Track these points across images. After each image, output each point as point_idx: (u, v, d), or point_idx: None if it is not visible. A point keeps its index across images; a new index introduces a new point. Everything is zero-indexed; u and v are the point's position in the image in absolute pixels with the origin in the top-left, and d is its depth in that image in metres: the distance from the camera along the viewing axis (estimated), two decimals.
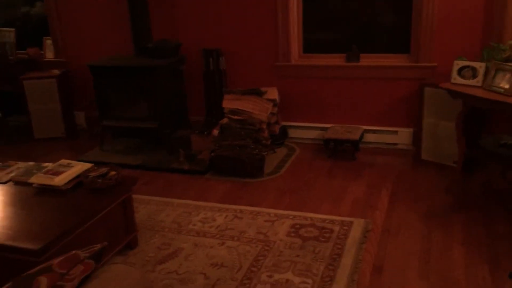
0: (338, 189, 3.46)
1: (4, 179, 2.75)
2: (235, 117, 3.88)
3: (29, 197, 2.56)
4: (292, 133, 4.37)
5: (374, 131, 4.12)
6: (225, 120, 3.93)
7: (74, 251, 1.47)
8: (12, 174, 2.79)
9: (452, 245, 2.69)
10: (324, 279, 2.43)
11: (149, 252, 2.75)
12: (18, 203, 2.50)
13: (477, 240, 2.72)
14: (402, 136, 4.05)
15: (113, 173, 2.64)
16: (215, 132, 3.94)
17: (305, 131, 4.33)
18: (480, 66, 3.03)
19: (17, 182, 2.72)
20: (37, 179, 2.63)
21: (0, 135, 4.89)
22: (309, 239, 2.81)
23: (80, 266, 1.43)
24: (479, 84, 3.02)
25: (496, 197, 3.23)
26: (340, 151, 4.02)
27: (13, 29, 4.93)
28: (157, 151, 4.19)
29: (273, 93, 4.11)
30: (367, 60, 4.09)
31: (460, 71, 3.10)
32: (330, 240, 2.79)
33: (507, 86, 2.84)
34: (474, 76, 3.05)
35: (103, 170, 2.66)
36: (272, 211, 3.17)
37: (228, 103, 3.95)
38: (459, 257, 2.58)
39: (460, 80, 3.10)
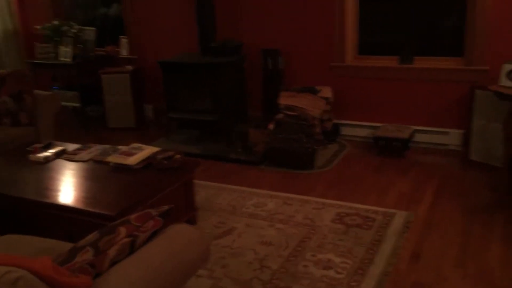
0: (385, 184, 3.63)
1: (86, 158, 3.17)
2: (290, 113, 4.14)
3: (106, 174, 2.94)
4: (344, 130, 4.57)
5: (425, 131, 4.24)
6: (280, 116, 4.20)
7: (147, 210, 1.79)
8: (92, 154, 3.20)
9: (491, 240, 2.81)
10: (363, 261, 2.64)
11: (206, 229, 3.06)
12: (97, 178, 2.89)
13: None
14: (452, 137, 4.15)
15: (178, 156, 2.98)
16: (271, 126, 4.21)
17: (357, 129, 4.52)
18: None
19: (96, 161, 3.12)
20: (113, 158, 3.02)
21: (79, 123, 5.44)
22: (353, 226, 3.02)
23: (151, 222, 1.75)
24: None
25: None
26: (389, 149, 4.18)
27: (93, 28, 5.46)
28: (216, 142, 4.53)
29: (327, 92, 4.33)
30: (421, 62, 4.21)
31: (508, 74, 3.20)
32: (372, 228, 2.99)
33: None
34: None
35: (170, 153, 3.01)
36: (320, 200, 3.40)
37: (284, 99, 4.22)
38: (496, 251, 2.70)
39: (508, 83, 3.19)
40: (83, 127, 5.34)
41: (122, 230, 1.67)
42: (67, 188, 2.73)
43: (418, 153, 4.19)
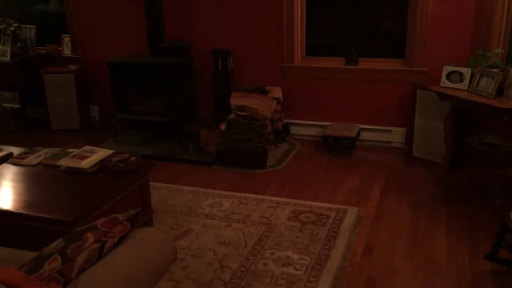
0: (335, 181, 3.76)
1: (34, 162, 3.04)
2: (241, 113, 4.18)
3: (58, 178, 2.85)
4: (294, 130, 4.68)
5: (370, 130, 4.43)
6: (232, 116, 4.23)
7: (114, 214, 1.77)
8: (41, 158, 3.08)
9: (437, 232, 2.99)
10: (320, 257, 2.73)
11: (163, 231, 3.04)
12: (49, 183, 2.80)
13: (459, 228, 3.02)
14: (395, 135, 4.36)
15: (133, 158, 2.94)
16: (223, 126, 4.24)
17: (306, 128, 4.64)
18: (467, 71, 3.34)
19: (46, 165, 3.01)
20: (65, 162, 2.93)
21: (19, 125, 5.20)
22: (308, 223, 3.11)
23: (119, 226, 1.73)
24: (465, 87, 3.33)
25: (479, 191, 3.54)
26: (337, 148, 4.33)
27: (33, 26, 5.23)
28: (167, 143, 4.49)
29: (277, 92, 4.42)
30: (365, 63, 4.39)
31: (448, 75, 3.42)
32: (327, 224, 3.09)
33: (489, 90, 3.15)
34: (461, 80, 3.36)
35: (125, 155, 2.96)
36: (274, 198, 3.47)
37: (235, 100, 4.26)
38: (442, 242, 2.88)
39: (448, 84, 3.41)
40: (24, 129, 5.11)
41: (90, 236, 1.64)
42: (17, 194, 2.62)
43: (364, 151, 4.37)
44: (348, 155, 4.26)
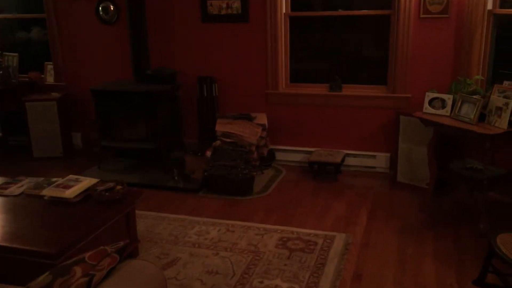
0: (322, 207, 3.76)
1: (16, 192, 2.98)
2: (227, 140, 4.18)
3: (42, 208, 2.80)
4: (279, 156, 4.69)
5: (354, 155, 4.47)
6: (217, 143, 4.23)
7: (102, 247, 1.73)
8: (24, 188, 3.03)
9: (424, 257, 3.00)
10: (309, 285, 2.71)
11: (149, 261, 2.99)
12: (32, 213, 2.74)
13: (446, 253, 3.04)
14: (379, 160, 4.40)
15: (119, 187, 2.91)
16: (208, 153, 4.23)
17: (291, 154, 4.66)
18: (449, 98, 3.41)
19: (29, 195, 2.95)
20: (49, 192, 2.88)
21: (0, 154, 5.10)
22: (296, 250, 3.09)
23: (108, 259, 1.69)
24: (448, 113, 3.40)
25: (463, 214, 3.58)
26: (323, 173, 4.34)
27: (16, 54, 5.19)
28: (152, 170, 4.45)
29: (262, 118, 4.44)
30: (349, 90, 4.46)
31: (431, 101, 3.48)
32: (315, 251, 3.07)
33: (471, 116, 3.22)
34: (443, 106, 3.43)
35: (110, 184, 2.92)
36: (261, 225, 3.45)
37: (221, 126, 4.26)
38: (430, 267, 2.89)
39: (430, 110, 3.47)
40: (5, 158, 5.02)
41: (77, 270, 1.60)
42: None
43: (349, 176, 4.39)
44: (333, 180, 4.28)
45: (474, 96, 3.28)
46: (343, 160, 4.33)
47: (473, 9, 3.75)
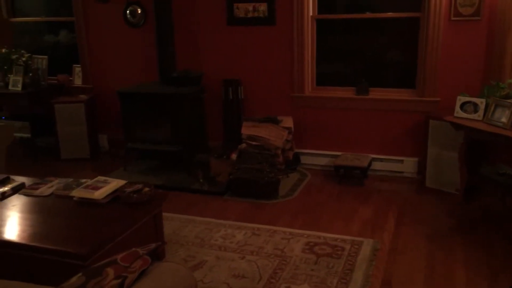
0: (348, 211, 3.71)
1: (46, 193, 3.02)
2: (253, 143, 4.17)
3: (71, 209, 2.82)
4: (304, 159, 4.65)
5: (381, 160, 4.40)
6: (243, 145, 4.22)
7: (134, 248, 1.73)
8: (54, 188, 3.06)
9: (454, 264, 2.93)
10: None
11: None
12: (62, 214, 2.77)
13: (477, 260, 2.96)
14: (407, 165, 4.33)
15: (146, 189, 2.92)
16: (234, 156, 4.22)
17: (317, 158, 4.61)
18: (481, 102, 3.33)
19: (59, 196, 2.98)
20: (78, 193, 2.90)
21: (29, 155, 5.19)
22: (323, 255, 3.05)
23: (139, 261, 1.69)
24: (480, 118, 3.32)
25: (494, 221, 3.49)
26: (349, 178, 4.29)
27: (45, 56, 5.28)
28: (177, 173, 4.46)
29: (288, 122, 4.42)
30: (376, 93, 4.40)
31: (462, 106, 3.41)
32: (342, 257, 3.03)
33: (505, 120, 3.14)
34: (476, 110, 3.35)
35: (138, 186, 2.93)
36: (287, 229, 3.42)
37: (247, 129, 4.25)
38: (460, 274, 2.82)
39: (462, 114, 3.40)
40: (34, 159, 5.10)
41: (110, 272, 1.60)
42: (30, 226, 2.58)
43: (376, 181, 4.33)
44: (359, 185, 4.22)
45: (508, 100, 3.20)
46: (369, 164, 4.28)
47: (506, 10, 3.66)
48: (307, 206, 3.82)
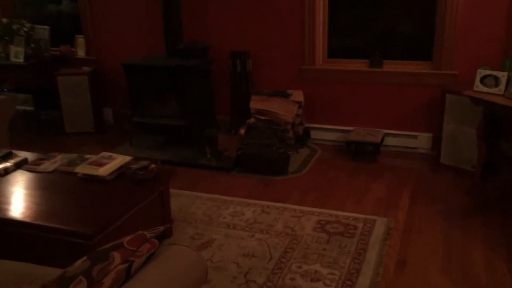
0: (360, 188, 3.61)
1: (50, 169, 2.92)
2: (262, 117, 4.04)
3: (75, 186, 2.73)
4: (314, 134, 4.53)
5: (394, 135, 4.27)
6: (252, 120, 4.09)
7: (141, 231, 1.63)
8: (57, 164, 2.96)
9: (473, 244, 2.83)
10: (351, 271, 2.58)
11: (183, 242, 2.91)
12: (66, 191, 2.67)
13: (495, 240, 2.86)
14: (421, 141, 4.19)
15: (153, 166, 2.81)
16: (242, 131, 4.10)
17: (327, 133, 4.48)
18: (503, 75, 3.17)
19: (63, 172, 2.89)
20: (82, 169, 2.80)
21: (32, 128, 5.09)
22: (335, 234, 2.96)
23: (147, 245, 1.59)
24: (501, 92, 3.16)
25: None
26: (361, 153, 4.17)
27: (47, 27, 5.12)
28: (184, 148, 4.35)
29: (298, 96, 4.27)
30: (390, 66, 4.23)
31: (482, 79, 3.25)
32: (355, 236, 2.94)
33: None
34: (497, 84, 3.19)
35: (144, 163, 2.83)
36: (297, 207, 3.32)
37: (256, 103, 4.12)
38: (478, 255, 2.72)
39: (482, 88, 3.24)
40: (37, 133, 5.01)
41: (116, 256, 1.51)
42: (33, 203, 2.49)
43: (389, 157, 4.21)
44: (372, 161, 4.10)
45: None
46: (382, 140, 4.14)
47: None
48: (317, 183, 3.71)
